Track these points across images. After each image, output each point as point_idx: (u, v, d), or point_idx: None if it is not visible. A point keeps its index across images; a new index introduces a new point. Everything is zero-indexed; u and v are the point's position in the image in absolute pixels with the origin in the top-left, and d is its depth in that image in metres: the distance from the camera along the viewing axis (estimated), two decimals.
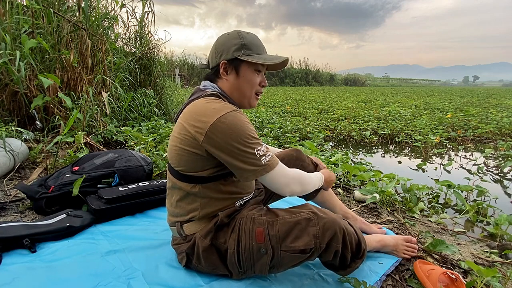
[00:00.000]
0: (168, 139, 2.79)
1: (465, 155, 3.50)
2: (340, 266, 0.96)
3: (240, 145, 0.84)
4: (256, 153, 0.86)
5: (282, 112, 6.33)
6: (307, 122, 4.98)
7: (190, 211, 0.96)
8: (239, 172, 0.88)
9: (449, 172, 2.80)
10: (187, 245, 0.98)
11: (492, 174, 2.77)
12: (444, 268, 1.10)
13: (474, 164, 3.03)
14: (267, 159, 0.88)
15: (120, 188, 1.48)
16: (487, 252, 1.35)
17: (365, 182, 2.11)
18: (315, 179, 1.04)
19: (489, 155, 3.25)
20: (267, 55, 0.97)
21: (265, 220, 0.92)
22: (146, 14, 3.97)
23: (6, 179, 1.77)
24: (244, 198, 1.02)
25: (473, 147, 3.88)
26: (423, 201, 1.90)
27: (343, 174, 2.25)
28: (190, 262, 1.00)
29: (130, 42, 4.07)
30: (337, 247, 0.88)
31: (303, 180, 0.97)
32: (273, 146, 3.14)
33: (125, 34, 4.01)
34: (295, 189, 0.94)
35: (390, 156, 3.49)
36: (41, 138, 2.32)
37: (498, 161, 3.15)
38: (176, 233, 1.01)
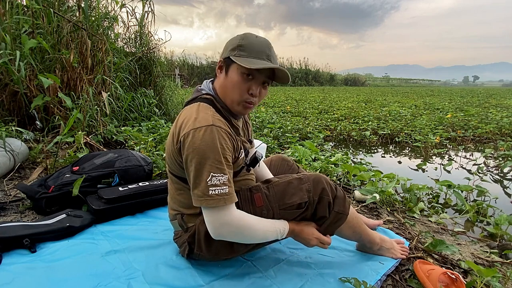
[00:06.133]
0: None
1: (465, 155, 3.50)
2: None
3: (198, 164, 0.81)
4: (209, 179, 0.80)
5: (282, 112, 6.33)
6: (307, 122, 4.98)
7: (190, 205, 0.96)
8: (191, 190, 0.86)
9: (449, 172, 2.80)
10: (188, 234, 0.99)
11: (492, 174, 2.77)
12: (444, 268, 1.10)
13: (474, 164, 3.03)
14: (217, 192, 0.80)
15: (120, 188, 1.48)
16: (487, 252, 1.35)
17: (365, 182, 2.11)
18: (271, 228, 0.91)
19: (489, 155, 3.25)
20: (260, 61, 0.87)
21: (260, 186, 0.98)
22: (146, 14, 3.97)
23: (6, 179, 1.77)
24: None
25: (473, 147, 3.88)
26: (423, 201, 1.90)
27: (343, 174, 2.25)
28: (192, 251, 1.00)
29: (130, 42, 4.07)
30: (329, 199, 0.94)
31: (247, 235, 0.88)
32: (273, 146, 3.14)
33: (125, 34, 4.00)
34: (233, 239, 0.88)
35: (390, 156, 3.48)
36: (41, 138, 2.32)
37: (498, 161, 3.15)
38: (178, 226, 1.02)
